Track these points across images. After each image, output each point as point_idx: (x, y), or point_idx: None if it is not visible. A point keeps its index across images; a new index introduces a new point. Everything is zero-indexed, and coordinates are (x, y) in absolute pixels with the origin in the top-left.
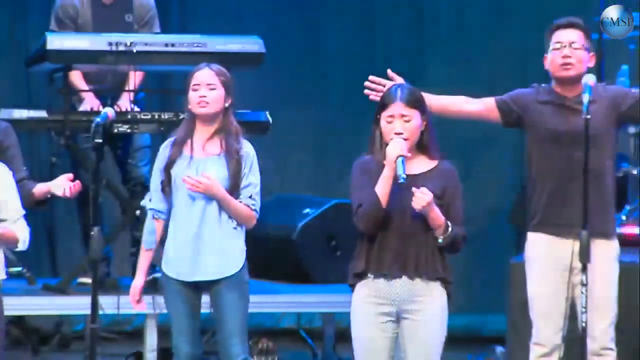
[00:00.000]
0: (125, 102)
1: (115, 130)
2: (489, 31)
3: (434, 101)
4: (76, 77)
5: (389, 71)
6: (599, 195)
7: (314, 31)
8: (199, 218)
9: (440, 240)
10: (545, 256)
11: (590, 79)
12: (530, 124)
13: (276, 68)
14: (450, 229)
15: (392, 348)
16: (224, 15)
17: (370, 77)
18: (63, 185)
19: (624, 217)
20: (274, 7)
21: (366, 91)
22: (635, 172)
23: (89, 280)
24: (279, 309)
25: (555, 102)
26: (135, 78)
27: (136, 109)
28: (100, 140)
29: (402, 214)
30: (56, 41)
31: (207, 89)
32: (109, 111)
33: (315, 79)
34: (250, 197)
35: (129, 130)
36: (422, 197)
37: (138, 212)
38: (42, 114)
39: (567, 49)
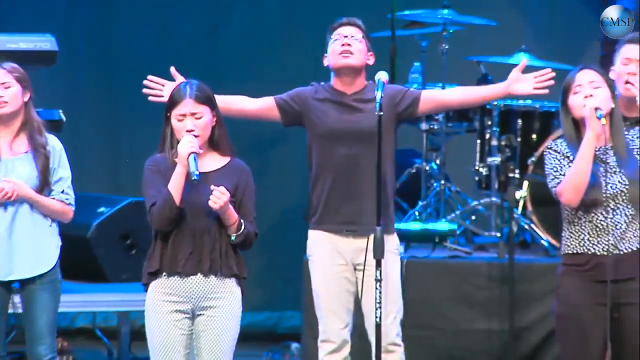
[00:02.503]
0: None
1: None
2: (282, 31)
3: (216, 100)
4: None
5: (172, 69)
6: (380, 193)
7: (107, 30)
8: (11, 216)
9: (233, 238)
10: (327, 253)
11: (382, 76)
12: (310, 122)
13: (70, 66)
14: (243, 226)
15: (187, 345)
16: (16, 14)
17: (149, 77)
18: None
19: (417, 213)
20: (67, 5)
21: (145, 90)
22: (427, 168)
23: None
24: (74, 308)
25: (333, 99)
26: None
27: None
28: None
29: (196, 212)
30: None
31: (2, 88)
32: None
33: (108, 78)
34: (62, 191)
35: None
36: (220, 197)
37: None
38: None
39: (347, 39)
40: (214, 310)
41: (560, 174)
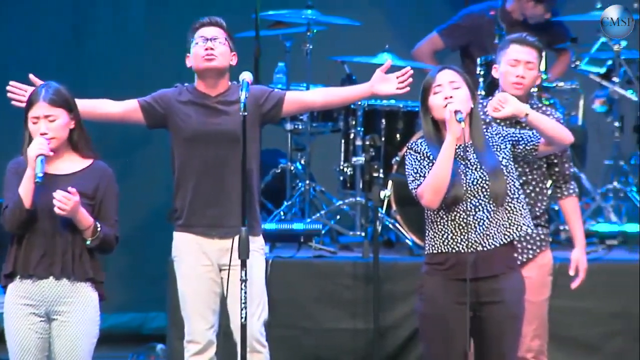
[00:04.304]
0: None
1: None
2: (146, 32)
3: (79, 106)
4: None
5: (30, 76)
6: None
7: None
8: None
9: (88, 242)
10: (193, 254)
11: (247, 76)
12: (173, 125)
13: None
14: (99, 230)
15: (45, 348)
16: None
17: (11, 82)
18: None
19: (282, 213)
20: None
21: (9, 95)
22: (292, 168)
23: None
24: None
25: (197, 101)
26: None
27: None
28: None
29: (49, 214)
30: None
31: None
32: None
33: None
34: None
35: None
36: (66, 202)
37: None
38: None
39: (209, 42)
40: (67, 315)
41: (421, 176)
